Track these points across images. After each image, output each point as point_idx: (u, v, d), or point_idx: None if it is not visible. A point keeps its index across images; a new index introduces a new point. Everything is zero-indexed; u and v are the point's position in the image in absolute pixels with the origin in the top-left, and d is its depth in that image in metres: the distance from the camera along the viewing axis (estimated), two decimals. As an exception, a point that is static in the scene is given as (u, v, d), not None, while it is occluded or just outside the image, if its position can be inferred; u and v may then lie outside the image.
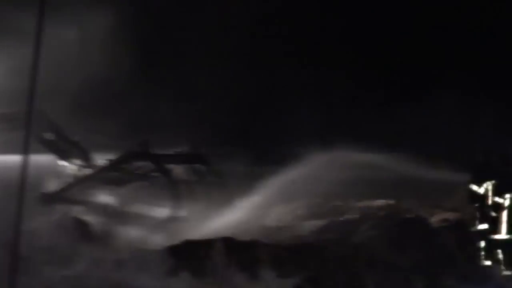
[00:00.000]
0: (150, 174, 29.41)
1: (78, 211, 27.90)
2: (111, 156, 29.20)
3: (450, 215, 25.78)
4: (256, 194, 30.70)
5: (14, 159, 25.42)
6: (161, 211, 28.48)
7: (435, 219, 25.92)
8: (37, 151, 29.00)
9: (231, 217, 29.66)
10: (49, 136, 29.14)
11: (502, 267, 20.73)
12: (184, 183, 29.51)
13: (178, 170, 29.55)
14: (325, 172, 30.90)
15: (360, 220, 27.86)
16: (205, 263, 20.06)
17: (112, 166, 27.87)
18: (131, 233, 26.80)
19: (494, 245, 20.64)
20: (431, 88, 34.90)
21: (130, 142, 29.12)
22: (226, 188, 30.51)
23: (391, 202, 29.90)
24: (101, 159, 29.81)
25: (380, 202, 30.05)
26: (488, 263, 20.70)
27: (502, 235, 20.83)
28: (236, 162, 31.30)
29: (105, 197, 27.29)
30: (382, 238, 24.38)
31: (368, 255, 21.97)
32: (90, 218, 27.68)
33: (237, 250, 21.30)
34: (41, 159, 29.24)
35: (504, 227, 20.75)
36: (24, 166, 18.70)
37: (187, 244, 24.00)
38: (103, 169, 29.07)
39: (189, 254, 22.20)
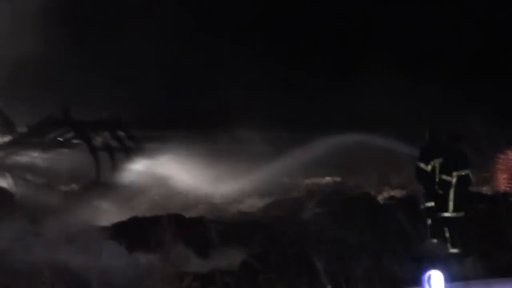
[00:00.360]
0: (71, 140, 29.88)
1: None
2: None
3: (397, 192, 26.21)
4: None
5: None
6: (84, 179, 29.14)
7: (382, 196, 26.33)
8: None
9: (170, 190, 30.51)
10: None
11: (449, 244, 20.97)
12: (104, 149, 30.24)
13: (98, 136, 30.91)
14: (270, 150, 31.65)
15: (307, 197, 28.37)
16: (151, 240, 20.13)
17: (33, 131, 28.06)
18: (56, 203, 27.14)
19: (441, 222, 20.84)
20: (376, 70, 36.55)
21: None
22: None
23: (338, 179, 30.46)
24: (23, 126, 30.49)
25: (326, 179, 30.63)
26: (435, 240, 20.94)
27: (449, 212, 21.03)
28: (174, 142, 32.33)
29: (26, 164, 27.72)
30: (329, 215, 24.76)
31: (315, 231, 22.24)
32: (12, 187, 28.09)
33: (185, 226, 21.58)
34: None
35: (451, 204, 20.96)
36: None
37: (134, 221, 24.39)
38: (24, 135, 29.45)
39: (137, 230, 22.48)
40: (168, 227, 19.81)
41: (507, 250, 19.19)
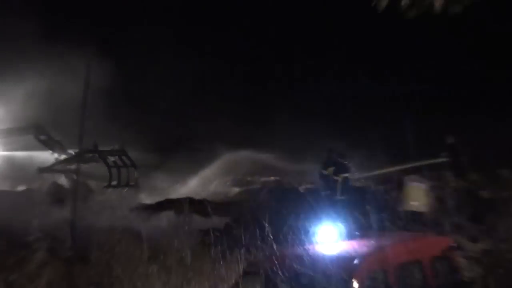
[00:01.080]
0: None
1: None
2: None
3: (310, 186, 26.80)
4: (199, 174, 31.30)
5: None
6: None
7: (302, 188, 26.97)
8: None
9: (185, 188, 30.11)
10: None
11: (338, 214, 22.17)
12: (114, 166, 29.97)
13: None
14: (242, 161, 31.66)
15: (261, 188, 28.87)
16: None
17: (77, 154, 27.61)
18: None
19: (334, 202, 22.03)
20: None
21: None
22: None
23: (278, 178, 30.83)
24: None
25: (273, 178, 30.95)
26: (330, 212, 22.05)
27: (338, 196, 22.30)
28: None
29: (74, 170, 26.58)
30: (273, 198, 25.41)
31: (265, 208, 22.97)
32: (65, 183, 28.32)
33: (194, 204, 22.39)
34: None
35: (339, 193, 22.22)
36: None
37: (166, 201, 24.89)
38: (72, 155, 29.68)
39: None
40: (184, 204, 20.72)
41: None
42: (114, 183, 29.76)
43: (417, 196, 19.72)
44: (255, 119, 34.32)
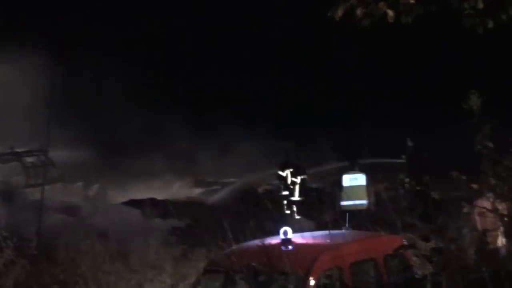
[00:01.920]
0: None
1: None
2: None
3: (268, 187, 26.81)
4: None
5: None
6: None
7: (260, 190, 26.98)
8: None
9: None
10: None
11: (295, 214, 22.28)
12: None
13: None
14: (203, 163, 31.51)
15: (221, 189, 28.89)
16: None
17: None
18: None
19: (290, 203, 22.12)
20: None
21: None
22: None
23: (237, 179, 30.76)
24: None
25: (233, 179, 30.84)
26: (288, 212, 22.18)
27: (296, 197, 22.38)
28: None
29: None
30: (231, 198, 25.39)
31: (225, 206, 22.92)
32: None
33: (156, 205, 22.19)
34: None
35: (296, 193, 22.31)
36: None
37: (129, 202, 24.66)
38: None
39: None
40: (147, 204, 20.61)
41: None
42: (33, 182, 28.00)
43: (356, 194, 19.71)
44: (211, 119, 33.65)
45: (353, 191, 19.73)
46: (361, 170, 20.23)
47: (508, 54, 27.41)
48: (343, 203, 19.67)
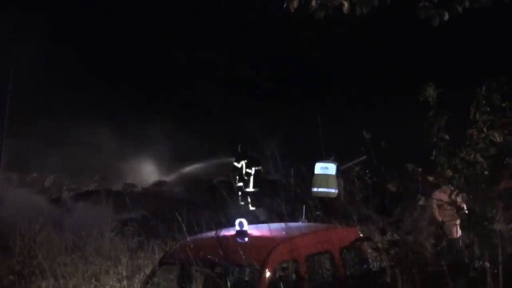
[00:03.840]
0: None
1: None
2: None
3: (223, 178, 26.75)
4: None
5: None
6: None
7: (216, 180, 26.87)
8: None
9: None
10: None
11: (250, 205, 22.16)
12: None
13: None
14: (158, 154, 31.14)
15: (177, 180, 28.67)
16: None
17: None
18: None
19: (245, 194, 21.98)
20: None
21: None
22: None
23: (193, 170, 30.51)
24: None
25: (188, 170, 30.53)
26: (242, 203, 22.04)
27: (250, 188, 22.24)
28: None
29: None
30: (192, 189, 25.21)
31: (184, 199, 22.78)
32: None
33: (111, 196, 21.80)
34: None
35: (251, 184, 22.18)
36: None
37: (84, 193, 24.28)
38: None
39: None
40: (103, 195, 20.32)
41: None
42: None
43: (326, 182, 19.77)
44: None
45: (323, 179, 19.82)
46: (335, 160, 20.33)
47: (464, 46, 27.63)
48: (314, 189, 19.84)
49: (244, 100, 32.42)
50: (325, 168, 20.08)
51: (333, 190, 19.67)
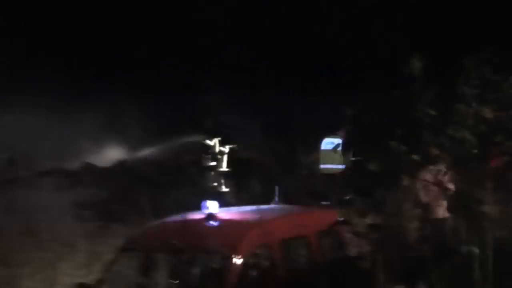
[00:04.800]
0: None
1: None
2: None
3: (192, 158, 26.60)
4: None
5: None
6: None
7: (185, 160, 26.70)
8: None
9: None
10: None
11: (222, 187, 22.12)
12: None
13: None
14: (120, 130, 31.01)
15: (141, 159, 28.50)
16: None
17: None
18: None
19: (219, 174, 21.96)
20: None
21: None
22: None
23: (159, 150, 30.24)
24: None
25: (153, 150, 30.37)
26: (214, 184, 22.02)
27: (223, 168, 22.23)
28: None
29: None
30: (158, 169, 25.13)
31: (149, 180, 22.68)
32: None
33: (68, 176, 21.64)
34: None
35: (224, 164, 22.15)
36: None
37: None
38: None
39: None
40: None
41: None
42: None
43: (331, 158, 19.95)
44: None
45: (328, 155, 20.06)
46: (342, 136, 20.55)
47: (452, 14, 27.60)
48: (321, 166, 20.06)
49: (218, 74, 32.29)
50: (330, 143, 20.38)
51: (338, 166, 19.94)
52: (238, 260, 9.55)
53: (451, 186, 8.47)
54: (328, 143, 20.44)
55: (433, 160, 8.64)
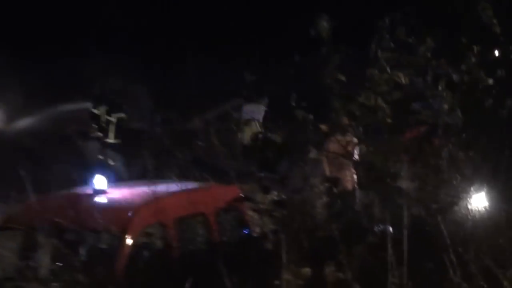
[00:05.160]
0: None
1: None
2: None
3: (78, 128, 25.90)
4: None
5: None
6: None
7: (70, 130, 25.91)
8: None
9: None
10: None
11: (110, 160, 21.63)
12: None
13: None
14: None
15: (24, 132, 27.75)
16: None
17: None
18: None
19: (105, 145, 21.48)
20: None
21: None
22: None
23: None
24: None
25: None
26: (101, 157, 21.55)
27: (110, 139, 21.75)
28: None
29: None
30: (39, 140, 24.42)
31: (29, 151, 22.07)
32: None
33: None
34: None
35: (111, 135, 21.69)
36: None
37: None
38: None
39: None
40: None
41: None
42: None
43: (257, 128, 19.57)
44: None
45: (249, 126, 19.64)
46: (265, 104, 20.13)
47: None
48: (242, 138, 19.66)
49: (107, 34, 31.63)
50: (253, 112, 19.90)
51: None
52: (128, 240, 9.29)
53: (362, 159, 8.19)
54: (250, 111, 20.03)
55: (343, 130, 8.35)
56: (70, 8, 32.71)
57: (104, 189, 10.19)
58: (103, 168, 18.90)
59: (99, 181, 10.21)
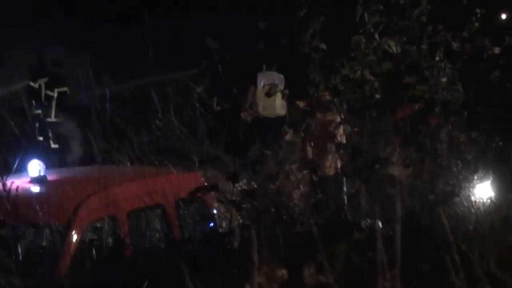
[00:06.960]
0: None
1: None
2: None
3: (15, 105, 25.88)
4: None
5: None
6: None
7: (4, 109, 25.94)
8: None
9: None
10: None
11: (52, 142, 21.63)
12: None
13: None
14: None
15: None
16: None
17: None
18: None
19: (46, 125, 21.43)
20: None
21: None
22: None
23: None
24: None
25: None
26: (41, 139, 21.50)
27: (52, 118, 21.70)
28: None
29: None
30: None
31: None
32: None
33: None
34: None
35: (53, 112, 21.64)
36: None
37: None
38: None
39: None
40: None
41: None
42: None
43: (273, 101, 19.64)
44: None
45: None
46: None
47: None
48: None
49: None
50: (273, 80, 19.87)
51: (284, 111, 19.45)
52: (73, 236, 9.38)
53: (346, 141, 8.21)
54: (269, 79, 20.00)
55: (324, 108, 8.35)
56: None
57: (44, 177, 10.16)
58: (43, 152, 19.00)
59: (35, 167, 10.21)
